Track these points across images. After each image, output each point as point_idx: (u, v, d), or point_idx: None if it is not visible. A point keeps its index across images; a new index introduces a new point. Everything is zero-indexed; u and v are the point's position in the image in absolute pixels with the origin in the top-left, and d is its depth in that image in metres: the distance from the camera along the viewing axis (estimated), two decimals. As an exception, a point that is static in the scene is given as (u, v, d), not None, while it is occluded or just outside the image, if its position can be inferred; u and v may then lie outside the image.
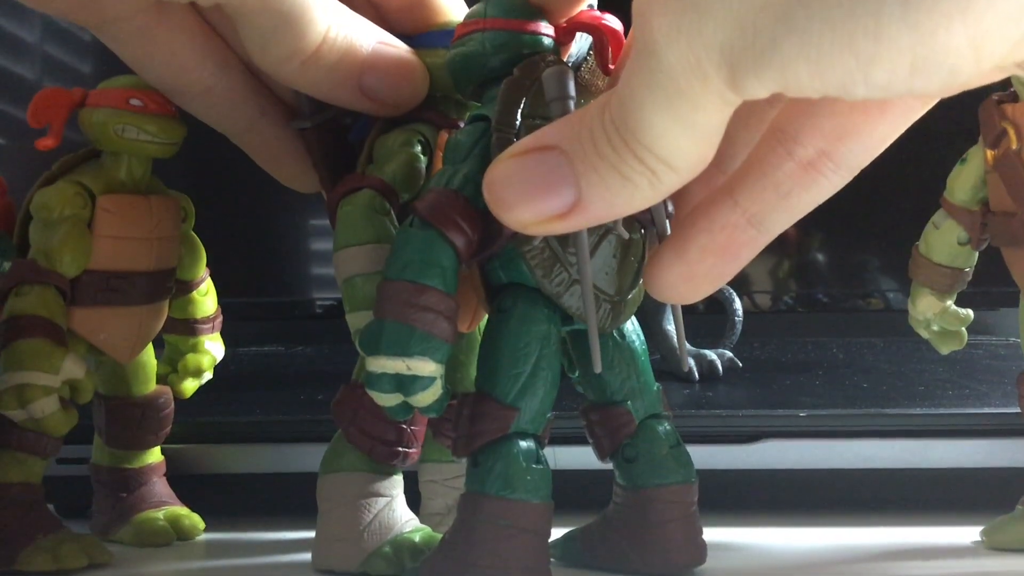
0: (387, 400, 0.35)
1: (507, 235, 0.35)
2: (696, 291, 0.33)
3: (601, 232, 0.37)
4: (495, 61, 0.37)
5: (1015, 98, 0.42)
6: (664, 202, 0.36)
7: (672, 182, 0.28)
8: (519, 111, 0.35)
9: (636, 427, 0.39)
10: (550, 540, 0.37)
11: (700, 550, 0.39)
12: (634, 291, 0.39)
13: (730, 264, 0.33)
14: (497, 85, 0.36)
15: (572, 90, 0.34)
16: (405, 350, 0.34)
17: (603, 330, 0.37)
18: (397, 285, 0.34)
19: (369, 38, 0.40)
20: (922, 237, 0.46)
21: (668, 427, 0.40)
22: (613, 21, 0.37)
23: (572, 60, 0.39)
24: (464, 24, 0.38)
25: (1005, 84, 0.43)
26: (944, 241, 0.45)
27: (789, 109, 0.31)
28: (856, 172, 0.32)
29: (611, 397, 0.39)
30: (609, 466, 0.41)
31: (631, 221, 0.37)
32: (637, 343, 0.40)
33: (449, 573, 0.35)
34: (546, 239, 0.36)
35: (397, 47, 0.41)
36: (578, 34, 0.39)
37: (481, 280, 0.38)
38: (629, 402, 0.39)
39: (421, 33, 0.42)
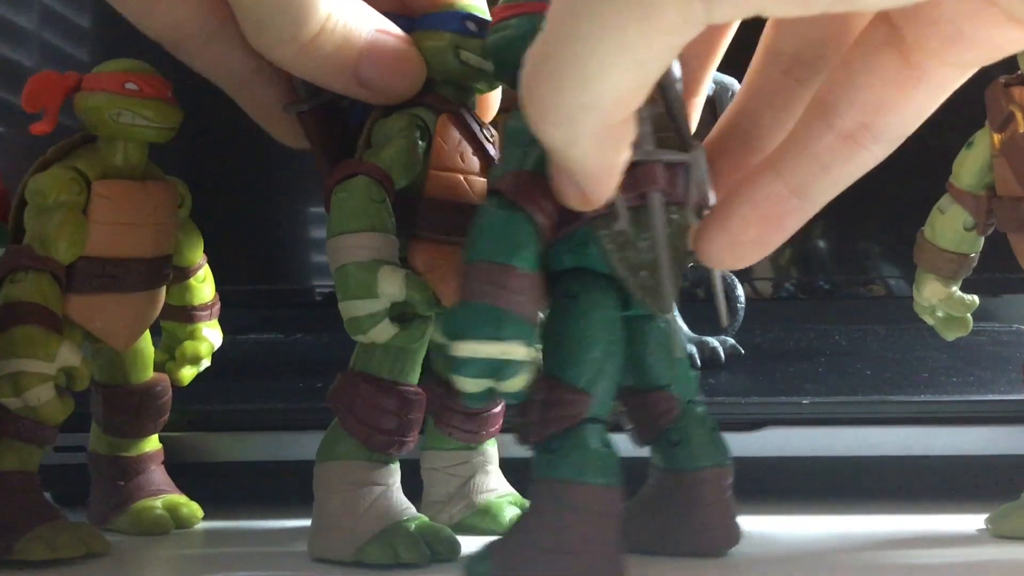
0: (473, 386, 0.34)
1: (586, 218, 0.35)
2: (742, 259, 0.35)
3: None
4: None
5: (1023, 81, 0.41)
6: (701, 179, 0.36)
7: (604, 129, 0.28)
8: None
9: (681, 412, 0.39)
10: None
11: (738, 531, 0.40)
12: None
13: (775, 233, 0.34)
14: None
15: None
16: (498, 333, 0.33)
17: (666, 311, 0.37)
18: (486, 267, 0.34)
19: (367, 25, 0.39)
20: (927, 222, 0.46)
21: (705, 411, 0.40)
22: None
23: None
24: (506, 7, 0.38)
25: (1012, 67, 0.42)
26: (950, 226, 0.45)
27: (829, 82, 0.32)
28: (896, 144, 0.32)
29: (655, 382, 0.39)
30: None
31: (682, 206, 0.36)
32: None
33: (526, 559, 0.35)
34: (623, 223, 0.35)
35: (395, 35, 0.40)
36: None
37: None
38: (672, 387, 0.39)
39: (424, 15, 0.42)
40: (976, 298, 0.46)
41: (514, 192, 0.35)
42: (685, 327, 0.60)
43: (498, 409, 0.45)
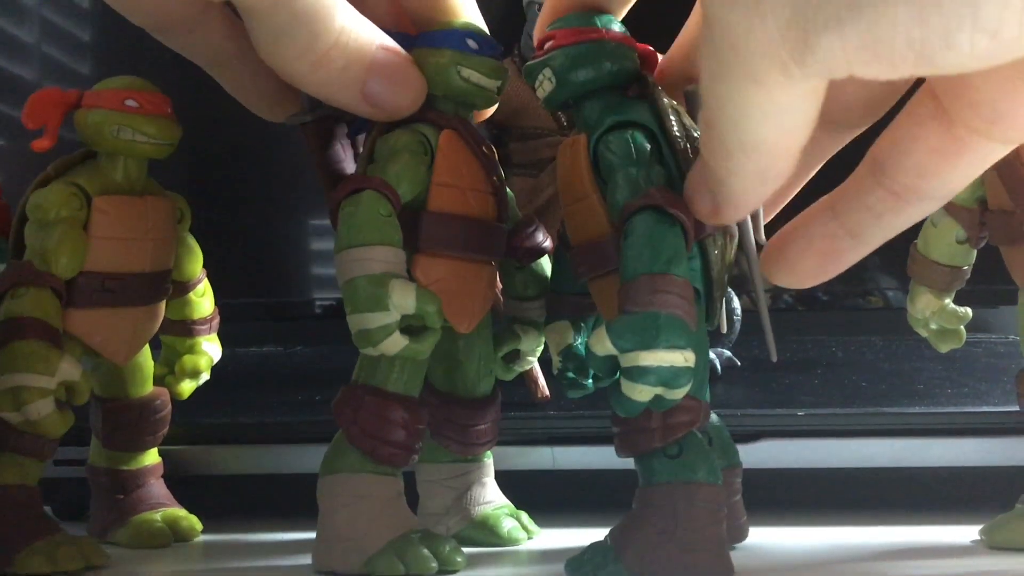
0: (645, 395, 0.36)
1: (704, 232, 0.38)
2: (802, 283, 0.38)
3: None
4: (610, 72, 0.39)
5: (1013, 96, 0.42)
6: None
7: (760, 165, 0.31)
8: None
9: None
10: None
11: (745, 529, 0.44)
12: None
13: (831, 265, 0.37)
14: (597, 96, 0.39)
15: None
16: (683, 342, 0.35)
17: (715, 325, 0.40)
18: (667, 280, 0.36)
19: (374, 41, 0.40)
20: (920, 235, 0.46)
21: (715, 416, 0.42)
22: (653, 50, 0.42)
23: None
24: (579, 31, 0.40)
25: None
26: (942, 239, 0.45)
27: (880, 144, 0.34)
28: (944, 201, 0.35)
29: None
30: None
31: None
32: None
33: (672, 560, 0.37)
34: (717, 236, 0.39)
35: (397, 51, 0.41)
36: None
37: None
38: (700, 393, 0.39)
39: (425, 32, 0.42)
40: (969, 310, 0.46)
41: (673, 207, 0.37)
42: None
43: (493, 421, 0.46)
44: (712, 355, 0.61)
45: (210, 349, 0.49)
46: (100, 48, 0.79)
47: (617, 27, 0.40)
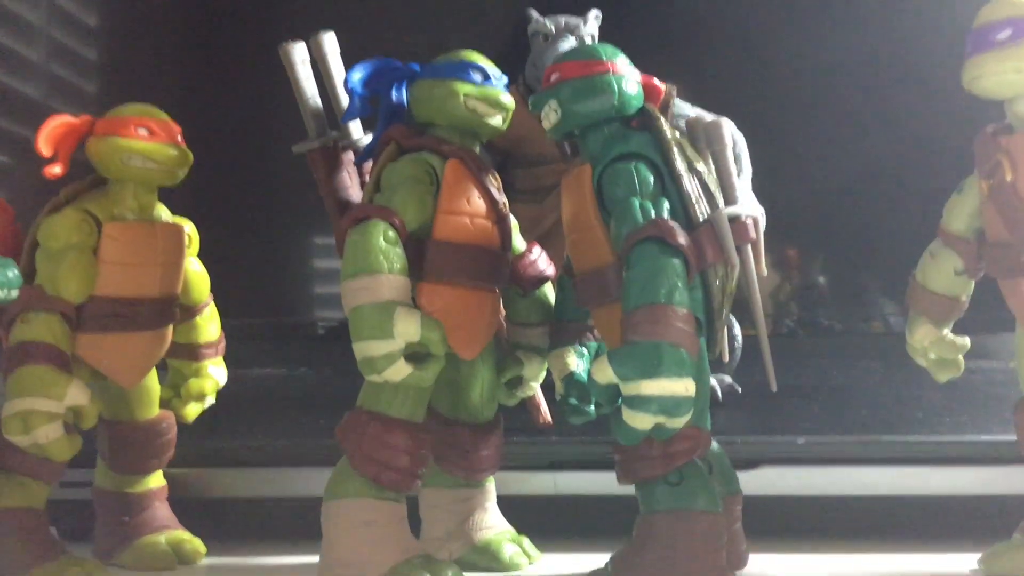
0: (647, 423, 0.37)
1: (711, 261, 0.39)
2: None
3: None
4: (615, 105, 0.40)
5: (1010, 130, 0.42)
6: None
7: None
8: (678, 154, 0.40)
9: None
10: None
11: (745, 556, 0.43)
12: None
13: None
14: (602, 127, 0.40)
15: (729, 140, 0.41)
16: (684, 372, 0.36)
17: (716, 354, 0.41)
18: (669, 310, 0.36)
19: None
20: (919, 266, 0.46)
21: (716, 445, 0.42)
22: (657, 81, 0.43)
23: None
24: (585, 64, 0.40)
25: (1001, 116, 0.43)
26: (940, 270, 0.45)
27: None
28: None
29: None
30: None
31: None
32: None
33: None
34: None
35: None
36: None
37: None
38: (701, 422, 0.40)
39: (431, 63, 0.43)
40: (968, 340, 0.47)
41: (675, 239, 0.38)
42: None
43: (496, 447, 0.46)
44: (713, 381, 0.61)
45: (216, 373, 0.50)
46: (108, 68, 0.79)
47: (622, 60, 0.41)
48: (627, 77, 0.41)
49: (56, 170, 0.43)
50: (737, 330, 0.62)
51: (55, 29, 0.78)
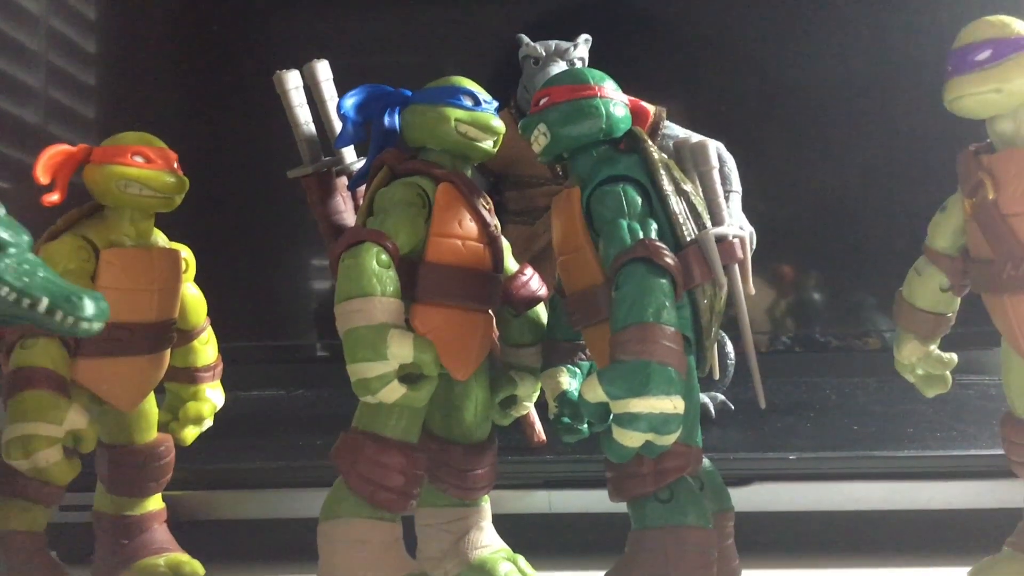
0: (636, 440, 0.37)
1: (698, 280, 0.39)
2: None
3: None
4: (603, 128, 0.41)
5: (991, 149, 0.43)
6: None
7: None
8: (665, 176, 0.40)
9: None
10: None
11: (738, 571, 0.43)
12: None
13: None
14: (590, 150, 0.41)
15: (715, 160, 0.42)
16: (672, 390, 0.37)
17: (705, 372, 0.41)
18: (656, 329, 0.37)
19: None
20: (905, 283, 0.47)
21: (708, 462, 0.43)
22: (646, 104, 0.44)
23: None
24: (573, 88, 0.41)
25: (982, 135, 0.44)
26: (926, 287, 0.46)
27: None
28: None
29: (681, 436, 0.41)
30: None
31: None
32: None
33: None
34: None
35: None
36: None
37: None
38: (691, 439, 0.40)
39: (423, 89, 0.44)
40: (955, 356, 0.47)
41: (662, 259, 0.38)
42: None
43: (491, 465, 0.46)
44: (706, 399, 0.61)
45: (213, 396, 0.50)
46: (106, 92, 0.80)
47: (610, 84, 0.42)
48: (614, 101, 0.41)
49: (54, 198, 0.43)
50: (730, 347, 0.62)
51: (54, 55, 0.78)
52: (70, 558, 0.50)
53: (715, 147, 0.43)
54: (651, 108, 0.44)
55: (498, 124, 0.44)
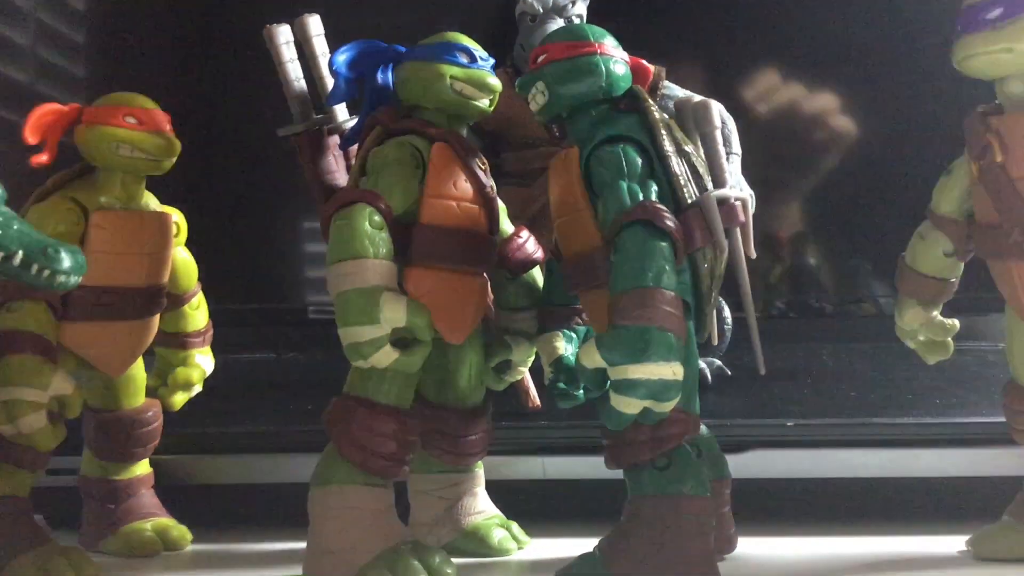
0: (634, 407, 0.37)
1: (699, 243, 0.38)
2: None
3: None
4: (602, 86, 0.40)
5: (1000, 110, 0.42)
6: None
7: None
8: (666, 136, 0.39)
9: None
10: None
11: (734, 539, 0.44)
12: None
13: None
14: (589, 109, 0.40)
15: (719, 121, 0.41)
16: (672, 356, 0.36)
17: (704, 338, 0.41)
18: (656, 293, 0.36)
19: None
20: (908, 248, 0.46)
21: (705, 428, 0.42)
22: (646, 62, 0.43)
23: None
24: (572, 45, 0.40)
25: (991, 96, 0.43)
26: (930, 252, 0.45)
27: None
28: None
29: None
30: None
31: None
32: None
33: (660, 571, 0.37)
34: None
35: None
36: None
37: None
38: (689, 406, 0.40)
39: (418, 45, 0.43)
40: (956, 322, 0.47)
41: (664, 223, 0.37)
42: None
43: (484, 431, 0.46)
44: (703, 364, 0.61)
45: (203, 362, 0.50)
46: (96, 52, 0.79)
47: (610, 41, 0.41)
48: (615, 58, 0.40)
49: (43, 158, 0.43)
50: (727, 313, 0.62)
51: (43, 13, 0.77)
52: (57, 523, 0.50)
53: (718, 108, 0.42)
54: (651, 67, 0.43)
55: (494, 82, 0.43)
